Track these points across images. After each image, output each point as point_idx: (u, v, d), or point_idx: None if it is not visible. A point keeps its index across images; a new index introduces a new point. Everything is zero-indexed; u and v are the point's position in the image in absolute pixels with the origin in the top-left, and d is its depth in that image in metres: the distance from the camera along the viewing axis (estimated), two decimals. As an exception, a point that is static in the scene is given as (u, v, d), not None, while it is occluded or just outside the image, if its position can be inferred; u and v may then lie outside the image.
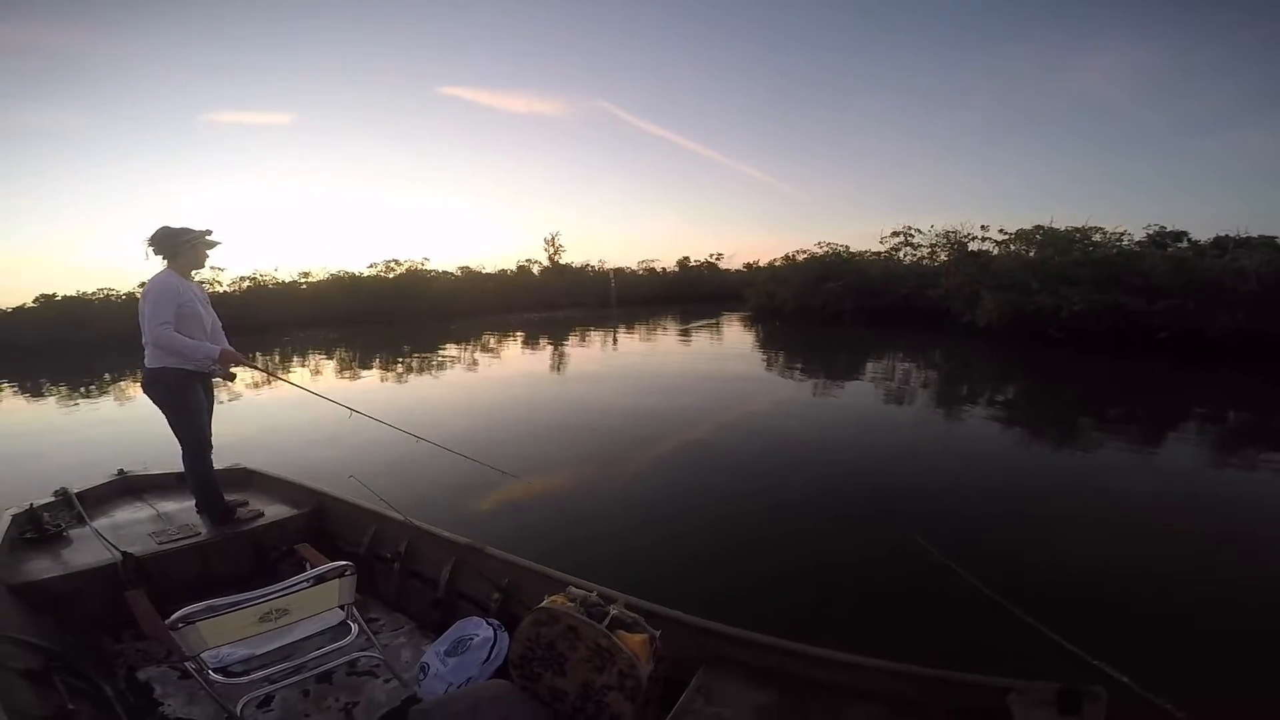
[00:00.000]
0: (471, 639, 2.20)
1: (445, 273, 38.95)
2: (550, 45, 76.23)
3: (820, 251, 26.65)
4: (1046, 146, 66.63)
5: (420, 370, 13.98)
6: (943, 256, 22.76)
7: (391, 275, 36.26)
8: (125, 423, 9.12)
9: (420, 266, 37.39)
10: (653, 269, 46.90)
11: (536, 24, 73.48)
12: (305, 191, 73.42)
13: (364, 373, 14.09)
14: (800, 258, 27.62)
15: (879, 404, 8.61)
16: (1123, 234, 18.65)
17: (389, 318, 30.02)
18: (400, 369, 14.34)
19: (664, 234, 78.87)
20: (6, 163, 57.59)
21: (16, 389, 14.28)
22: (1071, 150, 64.47)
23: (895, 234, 24.69)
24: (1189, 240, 18.84)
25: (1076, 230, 18.40)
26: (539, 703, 1.75)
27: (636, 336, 20.06)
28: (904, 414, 7.95)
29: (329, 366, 15.22)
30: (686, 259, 48.18)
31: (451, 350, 17.68)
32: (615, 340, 19.08)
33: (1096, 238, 17.98)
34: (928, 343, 16.72)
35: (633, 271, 46.06)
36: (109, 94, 63.00)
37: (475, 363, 14.97)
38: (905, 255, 24.68)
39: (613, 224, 74.21)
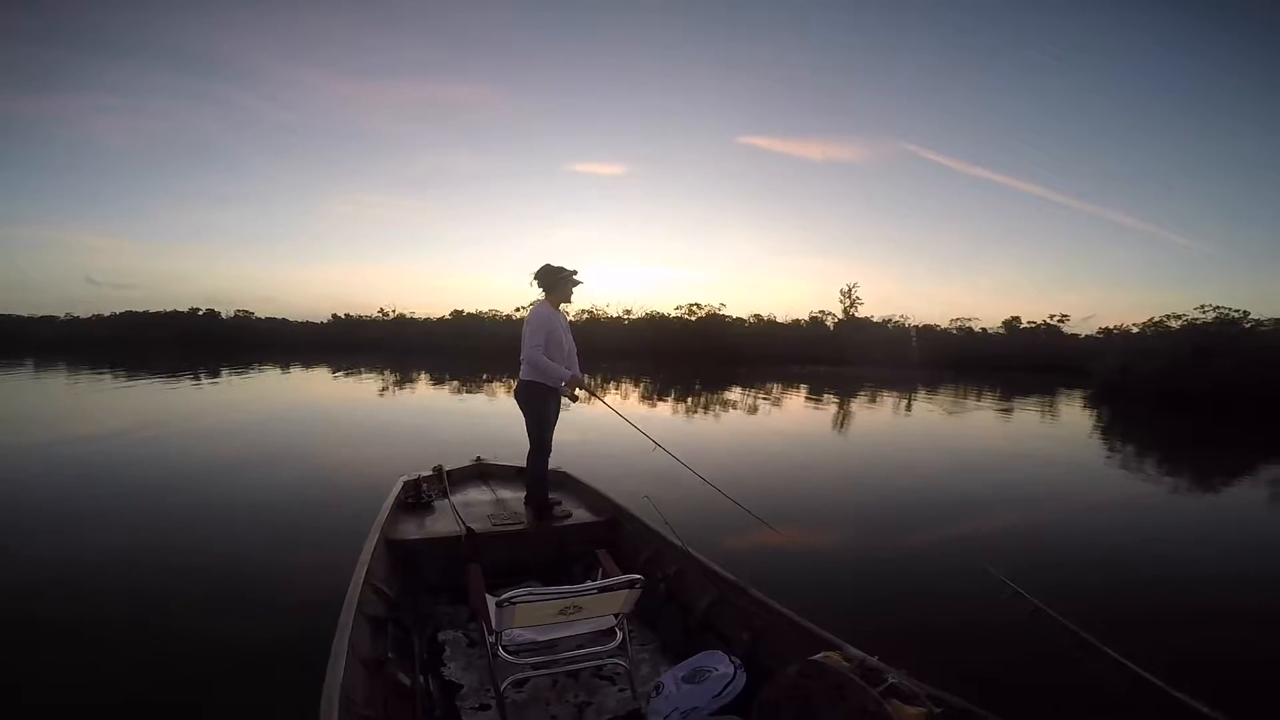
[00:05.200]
0: (711, 672, 2.22)
1: (739, 319, 40.88)
2: (844, 88, 73.72)
3: (1203, 317, 19.89)
4: None
5: (708, 409, 14.91)
6: None
7: (693, 319, 39.61)
8: (486, 415, 11.86)
9: (717, 311, 40.02)
10: (969, 328, 41.42)
11: (828, 68, 71.93)
12: (629, 233, 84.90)
13: (660, 403, 15.65)
14: (1173, 324, 21.11)
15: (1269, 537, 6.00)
16: None
17: (687, 357, 32.65)
18: (691, 404, 15.52)
19: (987, 289, 68.52)
20: (440, 198, 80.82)
21: (429, 377, 19.97)
22: None
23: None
24: None
25: None
26: None
27: (937, 404, 17.86)
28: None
29: (634, 393, 17.34)
30: (1016, 319, 41.22)
31: (736, 393, 18.39)
32: (910, 405, 17.33)
33: None
34: None
35: (942, 330, 41.41)
36: (506, 143, 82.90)
37: (757, 409, 15.28)
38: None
39: (915, 278, 67.66)
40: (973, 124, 70.51)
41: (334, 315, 48.61)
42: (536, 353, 3.49)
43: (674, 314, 40.27)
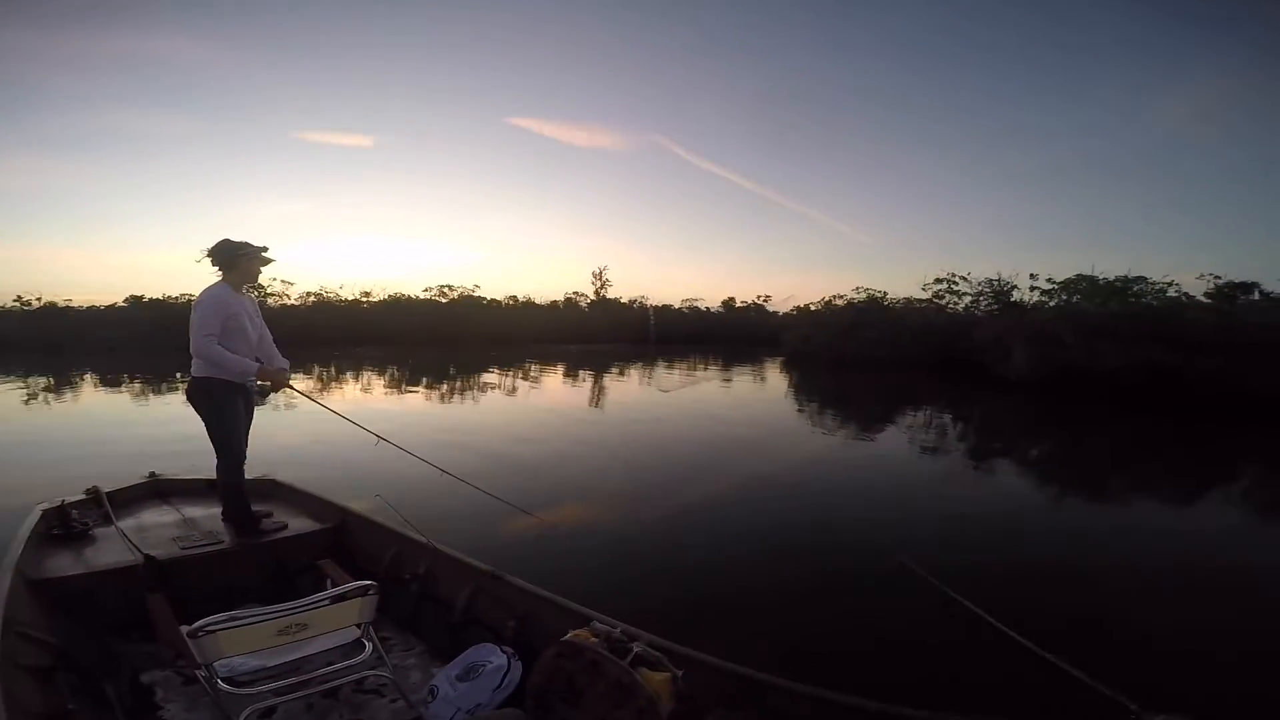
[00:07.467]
0: (484, 665, 2.23)
1: (495, 301, 40.13)
2: (613, 78, 77.12)
3: (858, 297, 26.27)
4: (1127, 191, 62.11)
5: (459, 395, 14.39)
6: (985, 306, 22.32)
7: (444, 300, 37.60)
8: (173, 424, 9.66)
9: (471, 293, 38.68)
10: (696, 307, 47.12)
11: (600, 56, 74.62)
12: (379, 211, 76.09)
13: (406, 391, 14.60)
14: (839, 302, 27.37)
15: (899, 459, 8.47)
16: (1170, 284, 17.64)
17: (439, 341, 30.97)
18: (441, 392, 14.79)
19: (715, 273, 78.09)
20: (108, 163, 61.58)
21: (99, 381, 15.46)
22: (1158, 196, 59.41)
23: (938, 280, 24.37)
24: (1261, 293, 17.31)
25: (1118, 280, 17.69)
26: None
27: (669, 375, 20.14)
28: (920, 469, 7.91)
29: (376, 384, 15.82)
30: (732, 299, 48.27)
31: (491, 377, 18.12)
32: (650, 378, 19.23)
33: (1139, 288, 17.27)
34: (960, 396, 16.27)
35: (675, 309, 46.37)
36: (217, 104, 66.55)
37: (512, 390, 15.31)
38: (949, 303, 24.29)
39: (662, 260, 74.22)
40: (700, 121, 78.99)
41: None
42: (208, 343, 2.95)
43: (422, 296, 37.73)
